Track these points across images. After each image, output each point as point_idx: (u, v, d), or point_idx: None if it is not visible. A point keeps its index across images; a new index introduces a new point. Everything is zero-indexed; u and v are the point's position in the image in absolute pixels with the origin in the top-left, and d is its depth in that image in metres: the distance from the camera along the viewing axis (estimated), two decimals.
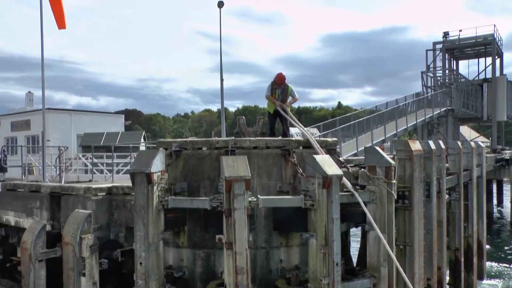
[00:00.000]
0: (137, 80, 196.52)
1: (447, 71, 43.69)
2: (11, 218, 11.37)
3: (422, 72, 42.87)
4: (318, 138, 9.27)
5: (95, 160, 21.72)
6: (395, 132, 29.23)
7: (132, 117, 70.88)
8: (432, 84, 42.74)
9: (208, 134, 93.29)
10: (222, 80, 15.71)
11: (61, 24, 15.51)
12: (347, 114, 29.57)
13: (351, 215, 7.74)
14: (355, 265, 11.03)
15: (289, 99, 10.36)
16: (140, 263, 6.97)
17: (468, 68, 49.59)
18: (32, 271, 9.04)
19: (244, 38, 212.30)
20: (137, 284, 7.02)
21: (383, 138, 27.65)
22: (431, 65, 43.54)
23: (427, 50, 43.95)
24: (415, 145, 9.37)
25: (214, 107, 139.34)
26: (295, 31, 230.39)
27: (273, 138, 8.76)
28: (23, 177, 23.46)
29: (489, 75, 41.95)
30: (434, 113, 35.68)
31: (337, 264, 7.09)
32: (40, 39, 15.03)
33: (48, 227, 9.69)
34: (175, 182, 7.72)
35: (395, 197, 8.06)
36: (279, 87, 10.22)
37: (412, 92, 40.39)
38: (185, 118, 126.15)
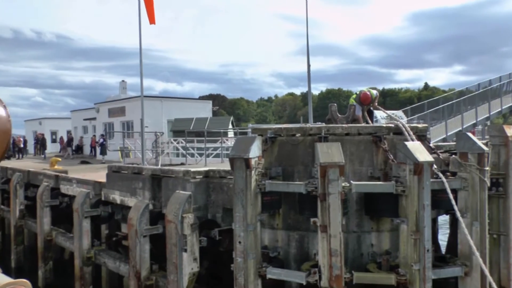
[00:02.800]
0: (220, 65, 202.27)
1: None
2: (116, 197, 12.44)
3: None
4: (408, 124, 9.25)
5: (187, 145, 22.93)
6: (488, 115, 27.74)
7: (216, 102, 72.88)
8: None
9: (291, 118, 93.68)
10: (309, 65, 15.84)
11: (152, 19, 16.56)
12: (436, 98, 28.52)
13: (442, 201, 7.68)
14: (443, 253, 10.90)
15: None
16: (239, 242, 7.47)
17: None
18: (138, 245, 9.94)
19: (328, 20, 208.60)
20: (236, 261, 7.54)
21: (474, 121, 26.41)
22: None
23: None
24: (511, 130, 9.05)
25: (298, 91, 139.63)
26: (379, 11, 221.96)
27: (365, 125, 8.92)
28: (121, 159, 25.32)
29: None
30: None
31: (428, 251, 7.13)
32: (139, 35, 16.08)
33: (150, 206, 10.52)
34: (270, 167, 8.09)
35: (489, 184, 7.89)
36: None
37: (509, 71, 37.91)
38: (269, 102, 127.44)
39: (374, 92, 11.48)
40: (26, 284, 1.45)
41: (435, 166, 7.66)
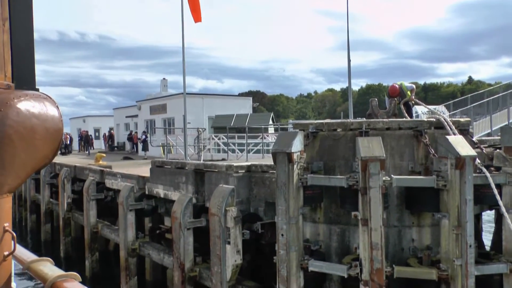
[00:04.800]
0: (260, 62, 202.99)
1: None
2: (160, 191, 12.84)
3: None
4: (450, 119, 9.17)
5: (228, 141, 23.31)
6: None
7: (256, 98, 73.36)
8: None
9: (331, 114, 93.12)
10: (349, 61, 15.82)
11: (197, 18, 16.68)
12: (480, 91, 27.73)
13: (485, 196, 7.60)
14: (488, 250, 10.72)
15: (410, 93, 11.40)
16: (282, 235, 7.63)
17: None
18: (181, 238, 10.25)
19: (368, 14, 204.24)
20: (279, 253, 7.71)
21: None
22: None
23: None
24: None
25: (337, 87, 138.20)
26: (422, 2, 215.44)
27: (405, 119, 8.91)
28: (162, 155, 25.95)
29: None
30: None
31: (470, 246, 7.07)
32: (181, 34, 16.42)
33: (193, 200, 10.82)
34: (312, 161, 8.22)
35: None
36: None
37: None
38: (308, 98, 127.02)
39: (409, 85, 11.37)
40: (76, 277, 1.64)
41: (478, 161, 7.58)
